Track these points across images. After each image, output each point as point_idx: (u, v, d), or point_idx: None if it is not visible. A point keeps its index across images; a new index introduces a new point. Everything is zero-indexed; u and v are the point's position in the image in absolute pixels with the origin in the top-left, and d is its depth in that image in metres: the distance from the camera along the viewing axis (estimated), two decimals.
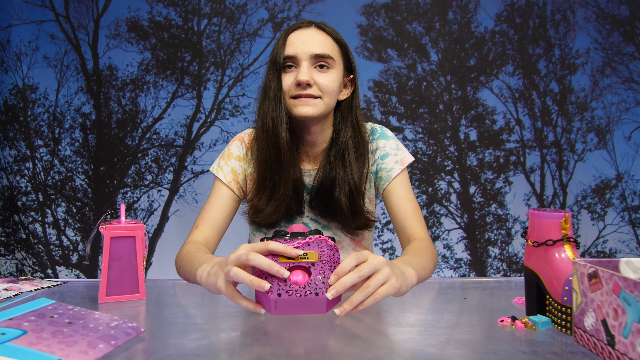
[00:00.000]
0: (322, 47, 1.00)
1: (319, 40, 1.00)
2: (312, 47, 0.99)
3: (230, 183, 1.10)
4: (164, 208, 2.57)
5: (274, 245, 0.65)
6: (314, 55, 0.99)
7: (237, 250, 0.67)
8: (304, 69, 0.98)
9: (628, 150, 2.61)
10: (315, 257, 0.66)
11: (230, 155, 1.13)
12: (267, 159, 1.04)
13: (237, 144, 1.14)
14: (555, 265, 0.77)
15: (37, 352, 0.59)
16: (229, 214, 1.10)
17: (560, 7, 2.59)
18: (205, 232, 1.05)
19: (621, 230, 2.62)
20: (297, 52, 0.99)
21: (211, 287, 0.71)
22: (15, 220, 2.54)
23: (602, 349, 0.64)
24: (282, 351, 0.67)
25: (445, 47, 2.59)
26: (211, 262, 0.75)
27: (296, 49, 0.99)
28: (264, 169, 1.05)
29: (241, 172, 1.12)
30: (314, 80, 0.99)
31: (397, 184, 1.09)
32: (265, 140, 1.02)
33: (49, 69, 2.52)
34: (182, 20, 2.55)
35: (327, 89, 1.00)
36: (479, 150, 2.61)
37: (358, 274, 0.63)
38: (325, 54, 0.99)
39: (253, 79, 2.57)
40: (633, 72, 2.60)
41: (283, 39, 1.01)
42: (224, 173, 1.10)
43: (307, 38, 1.00)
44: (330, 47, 1.02)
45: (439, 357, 0.66)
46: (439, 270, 2.62)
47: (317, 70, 1.00)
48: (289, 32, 1.02)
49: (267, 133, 1.01)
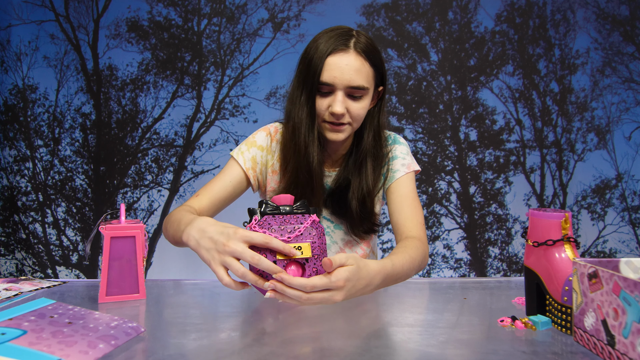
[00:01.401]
0: (358, 77, 0.99)
1: (357, 68, 0.99)
2: (350, 77, 0.98)
3: (248, 170, 1.12)
4: (164, 208, 2.57)
5: (276, 244, 0.68)
6: (349, 87, 0.99)
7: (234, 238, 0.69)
8: (339, 101, 0.99)
9: (628, 150, 2.61)
10: (308, 252, 0.70)
11: (253, 143, 1.14)
12: (297, 172, 1.06)
13: (262, 134, 1.15)
14: (555, 265, 0.77)
15: (37, 352, 0.59)
16: (233, 194, 1.12)
17: (560, 7, 2.59)
18: (203, 202, 1.07)
19: (621, 230, 2.62)
20: (335, 82, 0.99)
21: (203, 259, 0.74)
22: (15, 220, 2.54)
23: (602, 349, 0.64)
24: (282, 351, 0.67)
25: (445, 47, 2.59)
26: (197, 227, 0.76)
27: (334, 78, 0.98)
28: (292, 177, 1.07)
29: (260, 162, 1.13)
30: (347, 108, 1.01)
31: (399, 183, 1.13)
32: (296, 157, 1.05)
33: (49, 69, 2.52)
34: (182, 20, 2.55)
35: (358, 117, 1.03)
36: (479, 150, 2.61)
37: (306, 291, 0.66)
38: (360, 86, 0.99)
39: (253, 79, 2.57)
40: (633, 72, 2.60)
41: (321, 58, 0.99)
42: (244, 159, 1.12)
43: (345, 66, 0.98)
44: (366, 75, 1.01)
45: (439, 357, 0.66)
46: (439, 270, 2.62)
47: (350, 100, 1.01)
48: (328, 52, 0.98)
49: (299, 154, 1.04)
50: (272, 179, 1.15)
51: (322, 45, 1.00)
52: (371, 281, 0.73)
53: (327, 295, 0.67)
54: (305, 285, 0.65)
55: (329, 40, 1.00)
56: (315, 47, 1.00)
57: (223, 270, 0.71)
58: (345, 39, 1.00)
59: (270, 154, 1.14)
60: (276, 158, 1.14)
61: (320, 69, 0.98)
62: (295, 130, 1.04)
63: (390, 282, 0.83)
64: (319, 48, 1.00)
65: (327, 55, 0.98)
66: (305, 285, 0.65)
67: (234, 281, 0.72)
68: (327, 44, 0.99)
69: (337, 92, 1.00)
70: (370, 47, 1.02)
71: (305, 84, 1.02)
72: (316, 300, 0.67)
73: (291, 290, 0.66)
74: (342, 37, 1.00)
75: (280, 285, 0.66)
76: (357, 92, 1.00)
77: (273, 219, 0.73)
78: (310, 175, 1.05)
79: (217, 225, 0.74)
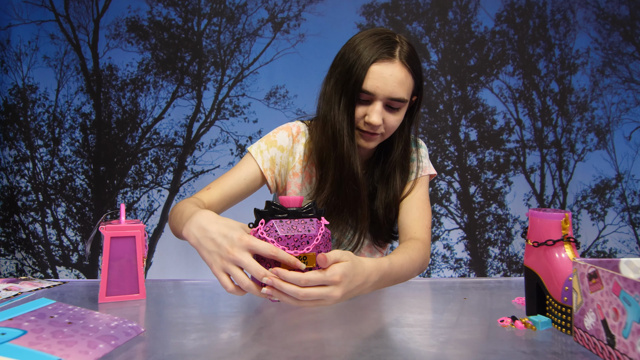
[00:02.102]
0: (400, 89, 0.96)
1: (399, 80, 0.96)
2: (392, 89, 0.96)
3: (266, 171, 1.08)
4: (164, 208, 2.57)
5: (283, 256, 0.66)
6: (390, 98, 0.97)
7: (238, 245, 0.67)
8: (377, 111, 0.97)
9: (628, 150, 2.61)
10: (312, 262, 0.69)
11: (274, 143, 1.10)
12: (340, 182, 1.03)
13: (284, 134, 1.11)
14: (555, 265, 0.77)
15: (37, 352, 0.59)
16: (245, 192, 1.09)
17: (560, 7, 2.59)
18: (214, 196, 1.03)
19: (621, 230, 2.62)
20: (376, 92, 0.96)
21: (204, 259, 0.72)
22: (15, 220, 2.54)
23: (602, 349, 0.64)
24: (282, 351, 0.67)
25: (445, 47, 2.59)
26: (198, 224, 0.73)
27: (376, 88, 0.95)
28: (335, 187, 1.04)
29: (280, 163, 1.10)
30: (383, 119, 0.99)
31: (412, 184, 1.13)
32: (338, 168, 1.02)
33: (49, 69, 2.52)
34: (182, 20, 2.55)
35: (392, 128, 1.02)
36: (479, 150, 2.61)
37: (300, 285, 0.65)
38: (400, 98, 0.97)
39: (253, 79, 2.57)
40: (633, 72, 2.60)
41: (365, 66, 0.95)
42: (262, 158, 1.08)
43: (389, 76, 0.95)
44: (407, 87, 0.98)
45: (439, 357, 0.66)
46: (439, 270, 2.62)
47: (387, 111, 0.99)
48: (372, 59, 0.95)
49: (342, 165, 1.01)
50: (292, 181, 1.11)
51: (365, 52, 0.96)
52: (368, 278, 0.72)
53: (325, 291, 0.65)
54: (299, 279, 0.64)
55: (373, 47, 0.96)
56: (357, 53, 0.96)
57: (226, 277, 0.69)
58: (390, 47, 0.96)
59: (292, 155, 1.10)
60: (297, 160, 1.10)
61: (363, 77, 0.95)
62: (336, 139, 1.00)
63: (389, 281, 0.82)
64: (362, 54, 0.95)
65: (372, 63, 0.95)
66: (299, 279, 0.64)
67: (237, 287, 0.69)
68: (372, 50, 0.95)
69: (376, 102, 0.97)
70: (414, 56, 0.99)
71: (345, 89, 0.98)
72: (314, 296, 0.65)
73: (287, 285, 0.64)
74: (387, 44, 0.96)
75: (277, 280, 0.64)
76: (396, 104, 0.98)
77: (280, 224, 0.70)
78: (357, 185, 1.02)
79: (218, 223, 0.71)
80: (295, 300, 0.66)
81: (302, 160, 1.10)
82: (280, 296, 0.66)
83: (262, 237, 0.69)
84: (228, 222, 0.71)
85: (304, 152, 1.10)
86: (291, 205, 0.73)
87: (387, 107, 0.99)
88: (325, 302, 0.67)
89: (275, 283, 0.64)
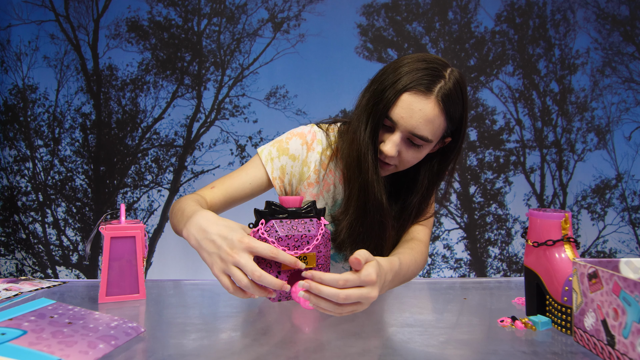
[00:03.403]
0: (425, 127, 0.87)
1: (428, 118, 0.86)
2: (416, 124, 0.86)
3: (274, 180, 1.02)
4: (164, 208, 2.57)
5: (283, 258, 0.67)
6: (412, 133, 0.88)
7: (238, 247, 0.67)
8: (393, 142, 0.89)
9: (628, 150, 2.61)
10: (313, 262, 0.70)
11: (285, 151, 1.02)
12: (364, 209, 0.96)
13: (297, 142, 1.03)
14: (555, 265, 0.77)
15: (37, 352, 0.59)
16: (249, 196, 1.05)
17: (560, 7, 2.59)
18: (217, 195, 1.00)
19: (621, 230, 2.62)
20: (399, 122, 0.87)
21: (205, 261, 0.71)
22: (15, 220, 2.54)
23: (602, 349, 0.64)
24: (282, 351, 0.67)
25: (445, 47, 2.59)
26: (198, 225, 0.72)
27: (400, 118, 0.87)
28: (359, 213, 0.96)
29: (290, 172, 1.03)
30: (399, 151, 0.91)
31: None
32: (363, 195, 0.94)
33: (49, 69, 2.52)
34: (182, 20, 2.55)
35: (407, 164, 0.94)
36: (479, 150, 2.61)
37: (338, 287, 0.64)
38: (423, 137, 0.88)
39: (253, 79, 2.57)
40: (633, 72, 2.60)
41: (397, 93, 0.86)
42: (272, 167, 1.02)
43: (418, 111, 0.86)
44: (434, 127, 0.88)
45: (439, 357, 0.66)
46: (439, 271, 2.62)
47: (405, 145, 0.91)
48: (406, 87, 0.86)
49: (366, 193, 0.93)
50: (308, 191, 1.04)
51: (404, 77, 0.87)
52: (385, 277, 0.72)
53: (365, 292, 0.64)
54: (337, 280, 0.62)
55: (414, 74, 0.86)
56: (397, 76, 0.87)
57: (227, 278, 0.69)
58: (431, 80, 0.86)
59: (306, 165, 1.03)
60: (313, 170, 1.03)
61: (392, 103, 0.87)
62: (361, 163, 0.92)
63: (397, 282, 0.82)
64: (400, 78, 0.87)
65: (405, 92, 0.86)
66: (337, 280, 0.62)
67: (239, 289, 0.69)
68: (411, 77, 0.86)
69: (396, 132, 0.89)
70: (456, 96, 0.89)
71: (374, 111, 0.90)
72: (354, 298, 0.63)
73: (327, 288, 0.63)
74: (430, 76, 0.87)
75: (315, 284, 0.63)
76: (418, 140, 0.89)
77: (280, 224, 0.70)
78: (383, 217, 0.95)
79: (218, 225, 0.70)
80: (334, 305, 0.64)
81: (318, 169, 1.03)
82: (318, 302, 0.64)
83: (263, 238, 0.69)
84: (228, 224, 0.71)
85: (320, 160, 1.03)
86: (291, 205, 0.73)
87: (408, 141, 0.90)
88: (362, 305, 0.66)
89: (313, 287, 0.63)
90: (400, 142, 0.90)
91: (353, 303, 0.65)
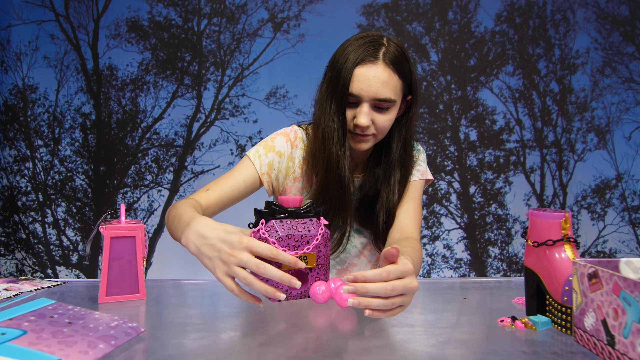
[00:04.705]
0: (386, 89, 0.97)
1: (384, 81, 0.97)
2: (376, 90, 0.96)
3: (263, 175, 1.09)
4: (164, 208, 2.57)
5: (283, 257, 0.67)
6: (376, 99, 0.97)
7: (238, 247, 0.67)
8: (364, 113, 0.98)
9: (628, 150, 2.61)
10: (313, 262, 0.71)
11: (272, 148, 1.11)
12: (326, 184, 1.04)
13: (282, 140, 1.12)
14: (555, 265, 0.77)
15: (37, 352, 0.59)
16: (243, 195, 1.10)
17: (560, 7, 2.59)
18: (211, 197, 1.04)
19: (621, 230, 2.62)
20: (361, 94, 0.97)
21: (206, 266, 0.72)
22: (15, 220, 2.54)
23: (602, 349, 0.64)
24: (282, 351, 0.67)
25: (445, 47, 2.59)
26: (197, 231, 0.73)
27: (360, 90, 0.97)
28: (321, 188, 1.05)
29: (277, 168, 1.11)
30: (372, 120, 1.00)
31: (410, 186, 1.14)
32: (326, 170, 1.03)
33: (49, 69, 2.52)
34: (182, 20, 2.55)
35: (383, 129, 1.02)
36: (479, 150, 2.61)
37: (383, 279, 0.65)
38: (387, 99, 0.98)
39: (253, 79, 2.57)
40: (633, 72, 2.60)
41: (350, 69, 0.97)
42: (260, 163, 1.09)
43: (373, 78, 0.96)
44: (393, 87, 0.98)
45: (439, 357, 0.66)
46: (439, 270, 2.62)
47: (376, 112, 1.00)
48: (356, 62, 0.96)
49: (330, 167, 1.03)
50: (293, 185, 1.13)
51: (351, 55, 0.97)
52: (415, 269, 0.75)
53: (407, 281, 0.65)
54: (380, 273, 0.64)
55: (358, 49, 0.97)
56: (345, 56, 0.98)
57: (231, 281, 0.69)
58: (374, 49, 0.97)
59: (291, 161, 1.12)
60: (297, 164, 1.12)
61: (349, 80, 0.97)
62: (326, 142, 1.02)
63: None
64: (348, 58, 0.97)
65: (355, 66, 0.96)
66: (380, 272, 0.64)
67: (245, 292, 0.70)
68: (356, 53, 0.97)
69: (363, 103, 0.98)
70: (400, 57, 0.99)
71: (334, 94, 1.00)
72: (399, 289, 0.64)
73: (373, 285, 0.63)
74: (372, 46, 0.98)
75: (359, 284, 0.63)
76: (384, 104, 0.98)
77: (280, 225, 0.70)
78: (343, 188, 1.04)
79: (217, 229, 0.71)
80: (384, 300, 0.64)
81: (301, 164, 1.12)
82: (369, 302, 0.64)
83: (263, 238, 0.70)
84: (226, 228, 0.71)
85: (303, 156, 1.12)
86: (290, 205, 0.73)
87: (376, 108, 1.00)
88: (407, 297, 0.67)
89: (359, 287, 0.64)
90: (370, 110, 0.99)
91: (399, 295, 0.66)
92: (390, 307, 0.66)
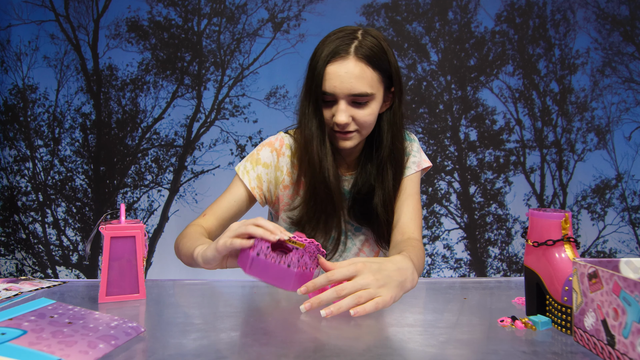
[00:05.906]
0: (360, 84, 0.95)
1: (358, 75, 0.94)
2: (350, 86, 0.94)
3: (253, 189, 1.09)
4: (164, 208, 2.57)
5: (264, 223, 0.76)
6: (351, 94, 0.95)
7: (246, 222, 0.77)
8: (341, 110, 0.96)
9: (628, 150, 2.61)
10: (301, 246, 0.76)
11: (258, 161, 1.10)
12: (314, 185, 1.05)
13: (267, 150, 1.11)
14: (555, 265, 0.77)
15: (37, 352, 0.59)
16: (239, 212, 1.12)
17: (560, 7, 2.59)
18: (210, 221, 1.08)
19: (621, 230, 2.62)
20: (335, 92, 0.95)
21: (209, 255, 0.81)
22: (15, 220, 2.54)
23: (602, 349, 0.64)
24: (282, 351, 0.67)
25: (445, 47, 2.59)
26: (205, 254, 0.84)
27: (334, 88, 0.95)
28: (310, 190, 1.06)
29: (267, 180, 1.10)
30: (352, 116, 0.98)
31: (408, 181, 1.13)
32: (311, 171, 1.04)
33: (49, 69, 2.52)
34: (182, 20, 2.55)
35: (364, 124, 1.00)
36: (479, 150, 2.61)
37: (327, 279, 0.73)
38: (363, 93, 0.95)
39: (253, 79, 2.57)
40: (633, 72, 2.60)
41: (322, 67, 0.95)
42: (249, 178, 1.09)
43: (344, 74, 0.94)
44: (369, 80, 0.96)
45: (439, 357, 0.66)
46: (439, 270, 2.62)
47: (354, 108, 0.98)
48: (327, 59, 0.95)
49: (314, 168, 1.03)
50: (284, 194, 1.13)
51: (323, 52, 0.95)
52: (399, 265, 0.77)
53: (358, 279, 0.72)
54: (326, 276, 0.71)
55: (329, 46, 0.95)
56: (319, 54, 0.96)
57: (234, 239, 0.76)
58: (346, 44, 0.95)
59: (279, 170, 1.11)
60: (286, 173, 1.11)
61: (321, 79, 0.95)
62: (307, 144, 1.01)
63: (418, 266, 0.88)
64: (321, 55, 0.96)
65: (327, 64, 0.95)
66: (325, 276, 0.71)
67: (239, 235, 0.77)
68: (328, 50, 0.95)
69: (339, 101, 0.96)
70: (375, 49, 0.96)
71: (311, 94, 0.99)
72: (349, 288, 0.71)
73: (324, 295, 0.71)
74: (344, 41, 0.95)
75: (313, 299, 0.71)
76: (361, 99, 0.96)
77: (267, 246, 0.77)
78: (329, 189, 1.03)
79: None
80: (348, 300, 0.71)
81: (290, 171, 1.11)
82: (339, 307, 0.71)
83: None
84: None
85: (290, 163, 1.10)
86: None
87: (354, 104, 0.97)
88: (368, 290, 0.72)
89: (314, 302, 0.72)
90: (347, 107, 0.97)
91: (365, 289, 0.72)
92: (363, 301, 0.71)
